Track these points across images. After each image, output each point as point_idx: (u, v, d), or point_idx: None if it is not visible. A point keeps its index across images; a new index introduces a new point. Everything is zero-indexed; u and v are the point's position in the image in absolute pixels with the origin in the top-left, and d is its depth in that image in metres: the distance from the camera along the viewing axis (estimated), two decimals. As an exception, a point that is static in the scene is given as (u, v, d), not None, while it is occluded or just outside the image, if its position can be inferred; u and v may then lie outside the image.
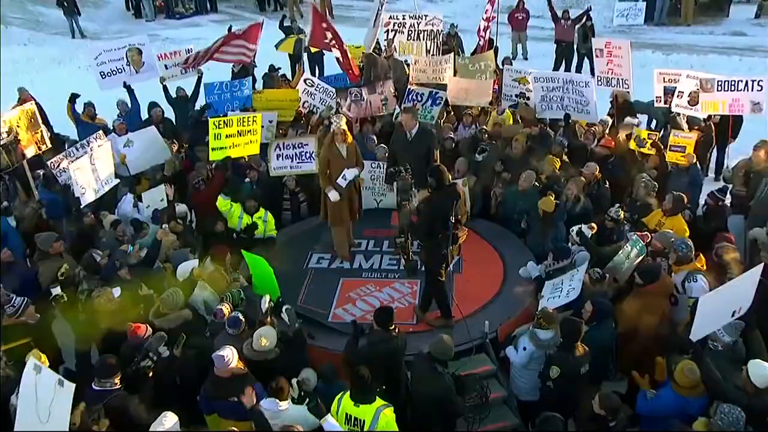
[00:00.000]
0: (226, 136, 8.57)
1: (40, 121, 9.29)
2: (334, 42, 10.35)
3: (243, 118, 8.76)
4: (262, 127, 9.26)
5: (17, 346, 5.92)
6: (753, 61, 16.59)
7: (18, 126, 8.78)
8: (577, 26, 15.81)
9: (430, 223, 6.46)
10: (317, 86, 10.40)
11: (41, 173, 8.82)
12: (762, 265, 5.54)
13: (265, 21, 12.27)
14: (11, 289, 6.52)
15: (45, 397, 4.38)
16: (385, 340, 5.70)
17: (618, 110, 10.35)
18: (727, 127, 9.89)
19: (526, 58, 17.69)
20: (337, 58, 10.59)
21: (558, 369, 5.54)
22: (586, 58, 15.12)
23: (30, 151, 8.86)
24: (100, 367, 5.36)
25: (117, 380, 5.31)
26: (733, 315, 5.22)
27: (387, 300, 7.26)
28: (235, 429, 4.98)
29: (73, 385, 4.56)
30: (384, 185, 8.57)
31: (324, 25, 10.46)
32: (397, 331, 5.82)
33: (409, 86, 10.47)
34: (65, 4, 21.22)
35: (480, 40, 13.00)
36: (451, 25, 15.73)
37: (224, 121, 8.60)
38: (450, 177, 6.51)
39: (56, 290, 6.52)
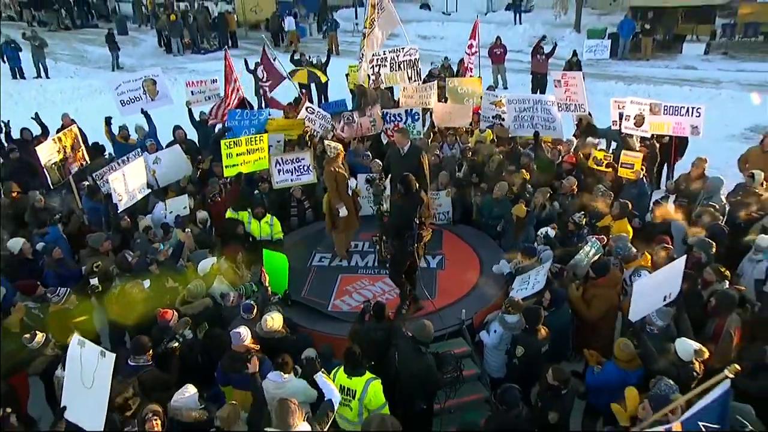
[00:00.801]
0: (237, 154, 8.68)
1: (80, 141, 9.49)
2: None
3: (251, 138, 8.86)
4: (271, 146, 9.38)
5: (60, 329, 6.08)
6: (701, 91, 16.76)
7: (65, 146, 8.98)
8: (550, 59, 16.10)
9: (398, 224, 6.58)
10: (317, 113, 10.50)
11: (86, 185, 9.01)
12: (685, 256, 5.73)
13: (278, 55, 12.52)
14: (58, 281, 6.77)
15: (89, 366, 4.51)
16: (376, 328, 5.90)
17: (582, 132, 10.51)
18: (674, 146, 10.07)
19: (505, 87, 17.77)
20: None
21: (522, 348, 5.72)
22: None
23: (74, 168, 9.07)
24: (135, 345, 5.53)
25: (149, 356, 5.45)
26: (664, 299, 5.37)
27: (378, 292, 7.38)
28: (235, 402, 5.06)
29: (114, 355, 4.66)
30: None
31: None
32: (388, 321, 6.00)
33: (383, 110, 10.54)
34: (114, 41, 21.75)
35: (467, 73, 13.24)
36: (445, 58, 15.99)
37: (234, 142, 8.69)
38: (417, 185, 6.57)
39: (94, 281, 6.71)
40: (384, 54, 11.24)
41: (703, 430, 3.66)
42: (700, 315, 5.81)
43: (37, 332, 5.74)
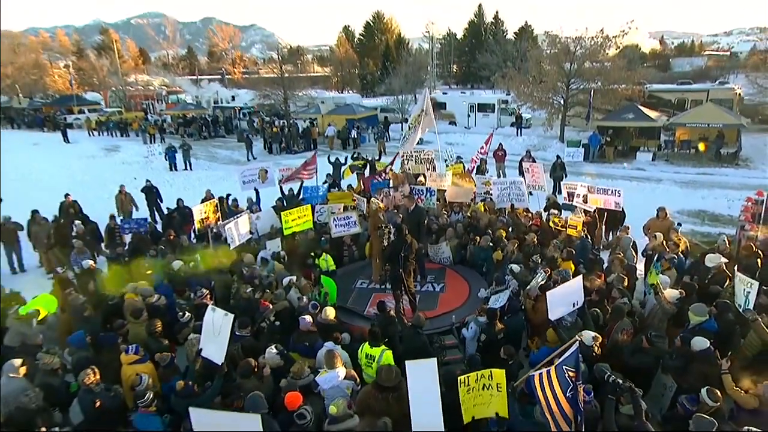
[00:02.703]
0: (292, 220, 9.81)
1: (218, 208, 11.05)
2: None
3: (300, 209, 10.02)
4: (333, 212, 10.44)
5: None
6: (645, 186, 17.38)
7: (208, 211, 10.56)
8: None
9: (391, 255, 7.49)
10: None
11: (213, 231, 10.37)
12: (581, 276, 6.50)
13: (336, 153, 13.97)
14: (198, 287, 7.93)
15: (218, 322, 5.39)
16: (382, 318, 6.73)
17: (549, 206, 11.35)
18: (610, 217, 10.74)
19: (505, 179, 18.80)
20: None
21: (485, 335, 6.46)
22: (556, 181, 16.11)
23: (213, 225, 10.44)
24: (240, 322, 6.43)
25: (248, 330, 6.44)
26: (574, 306, 6.02)
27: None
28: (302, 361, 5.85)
29: (232, 315, 5.43)
30: None
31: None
32: (390, 314, 6.80)
33: (411, 186, 11.62)
34: (251, 142, 25.30)
35: (473, 164, 14.48)
36: (458, 157, 17.19)
37: (289, 212, 9.83)
38: (407, 232, 7.36)
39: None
40: (410, 153, 12.71)
41: (565, 370, 4.38)
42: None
43: (186, 312, 6.94)
